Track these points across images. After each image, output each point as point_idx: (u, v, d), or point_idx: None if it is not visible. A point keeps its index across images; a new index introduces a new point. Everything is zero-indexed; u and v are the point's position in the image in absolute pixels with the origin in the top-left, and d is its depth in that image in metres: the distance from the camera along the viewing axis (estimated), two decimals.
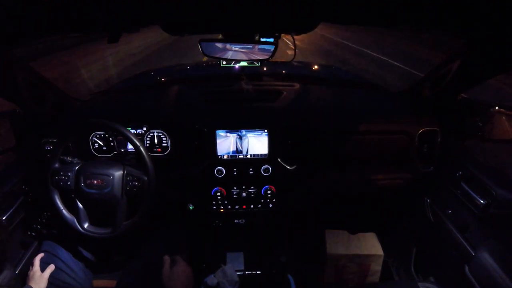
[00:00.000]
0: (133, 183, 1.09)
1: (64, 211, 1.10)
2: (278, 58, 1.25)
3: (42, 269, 1.13)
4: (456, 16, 0.72)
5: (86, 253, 1.36)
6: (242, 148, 1.26)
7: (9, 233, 1.11)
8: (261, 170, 1.27)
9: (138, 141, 1.09)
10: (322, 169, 1.36)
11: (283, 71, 1.82)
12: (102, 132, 1.27)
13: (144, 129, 1.26)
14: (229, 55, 1.04)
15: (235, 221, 1.41)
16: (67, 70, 6.27)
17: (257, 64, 1.26)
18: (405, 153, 1.32)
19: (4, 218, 1.08)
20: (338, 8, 0.74)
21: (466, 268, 1.06)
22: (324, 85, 1.56)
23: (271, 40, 0.99)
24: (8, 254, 1.13)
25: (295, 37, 1.17)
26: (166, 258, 1.06)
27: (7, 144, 1.20)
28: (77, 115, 1.34)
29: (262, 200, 1.34)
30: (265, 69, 1.76)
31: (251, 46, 1.00)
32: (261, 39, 0.99)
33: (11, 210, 1.12)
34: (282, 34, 1.05)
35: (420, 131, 1.28)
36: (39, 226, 1.24)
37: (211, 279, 1.17)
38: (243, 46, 1.01)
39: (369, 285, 1.54)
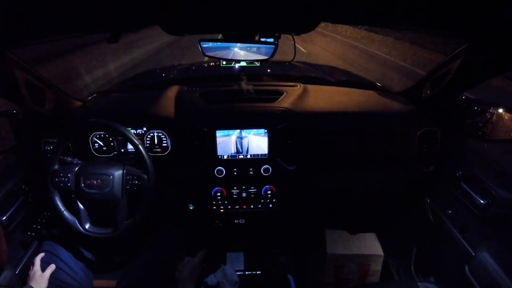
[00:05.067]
0: (133, 182, 1.09)
1: (65, 213, 1.10)
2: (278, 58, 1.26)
3: (43, 269, 1.13)
4: (456, 16, 0.72)
5: (86, 253, 1.36)
6: (242, 148, 1.26)
7: (9, 233, 1.11)
8: (261, 170, 1.27)
9: (138, 141, 1.09)
10: (322, 169, 1.36)
11: (283, 71, 1.82)
12: (102, 132, 1.27)
13: (144, 129, 1.26)
14: (229, 55, 1.04)
15: (235, 221, 1.41)
16: None
17: (257, 64, 1.26)
18: (405, 153, 1.32)
19: (4, 218, 1.08)
20: (338, 8, 0.74)
21: (466, 268, 1.06)
22: (324, 85, 1.56)
23: (271, 40, 0.99)
24: (8, 254, 1.13)
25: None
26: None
27: (7, 144, 1.20)
28: (77, 115, 1.34)
29: (262, 200, 1.34)
30: (265, 69, 1.76)
31: (251, 46, 1.00)
32: (261, 39, 0.99)
33: (11, 210, 1.12)
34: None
35: (420, 131, 1.28)
36: (39, 226, 1.24)
37: (211, 279, 1.17)
38: (243, 46, 1.01)
39: (369, 285, 1.54)
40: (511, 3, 0.61)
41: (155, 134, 1.27)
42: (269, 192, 1.32)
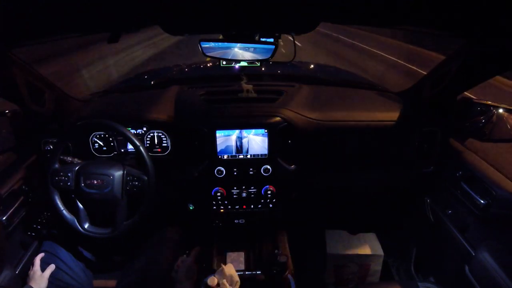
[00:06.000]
0: (133, 183, 1.09)
1: (65, 212, 1.11)
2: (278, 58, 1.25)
3: (42, 269, 1.13)
4: (456, 16, 0.72)
5: (86, 253, 1.36)
6: (242, 148, 1.26)
7: (9, 233, 1.11)
8: (261, 170, 1.27)
9: (138, 141, 1.09)
10: (322, 169, 1.36)
11: (283, 71, 1.82)
12: (102, 132, 1.27)
13: (144, 129, 1.26)
14: (229, 55, 1.04)
15: (235, 221, 1.41)
16: None
17: (257, 64, 1.26)
18: (405, 153, 1.32)
19: (4, 218, 1.08)
20: (338, 8, 0.74)
21: (466, 268, 1.06)
22: (324, 85, 1.56)
23: (271, 40, 0.99)
24: (8, 254, 1.13)
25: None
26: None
27: (7, 144, 1.20)
28: (77, 115, 1.34)
29: (262, 200, 1.34)
30: (265, 69, 1.76)
31: (251, 46, 1.00)
32: (261, 39, 0.99)
33: (11, 210, 1.12)
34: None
35: (420, 131, 1.28)
36: (39, 226, 1.24)
37: (211, 279, 1.17)
38: (243, 46, 1.01)
39: (369, 285, 1.54)
40: (511, 3, 0.61)
41: (155, 134, 1.27)
42: (269, 192, 1.32)
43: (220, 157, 1.26)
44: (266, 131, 1.23)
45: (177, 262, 1.10)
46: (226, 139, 1.24)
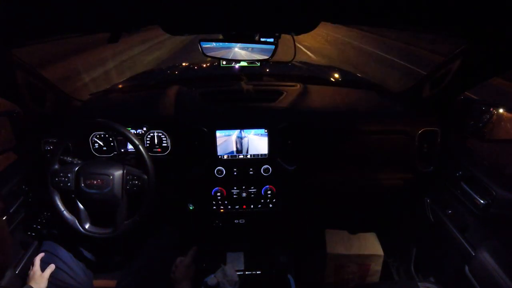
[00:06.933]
0: (133, 182, 1.09)
1: (65, 212, 1.10)
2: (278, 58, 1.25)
3: (42, 269, 1.13)
4: (457, 16, 0.72)
5: (86, 253, 1.36)
6: (242, 148, 1.26)
7: (9, 233, 1.11)
8: (261, 170, 1.27)
9: (138, 141, 1.09)
10: (322, 169, 1.36)
11: (283, 71, 1.82)
12: (102, 132, 1.27)
13: (144, 129, 1.26)
14: (229, 55, 1.04)
15: (235, 221, 1.41)
16: None
17: (257, 64, 1.26)
18: (405, 153, 1.32)
19: (4, 218, 1.08)
20: (338, 8, 0.74)
21: (466, 268, 1.06)
22: (324, 85, 1.56)
23: (271, 40, 0.99)
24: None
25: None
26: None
27: (7, 144, 1.20)
28: (77, 115, 1.34)
29: (262, 200, 1.34)
30: (265, 69, 1.76)
31: (251, 46, 1.00)
32: (261, 39, 0.99)
33: (11, 210, 1.12)
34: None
35: (420, 131, 1.28)
36: (39, 226, 1.24)
37: (211, 279, 1.17)
38: (243, 46, 1.01)
39: (369, 285, 1.54)
40: (511, 3, 0.61)
41: (155, 134, 1.27)
42: (269, 192, 1.32)
43: (220, 157, 1.26)
44: (266, 131, 1.23)
45: (175, 263, 1.10)
46: (226, 139, 1.24)
